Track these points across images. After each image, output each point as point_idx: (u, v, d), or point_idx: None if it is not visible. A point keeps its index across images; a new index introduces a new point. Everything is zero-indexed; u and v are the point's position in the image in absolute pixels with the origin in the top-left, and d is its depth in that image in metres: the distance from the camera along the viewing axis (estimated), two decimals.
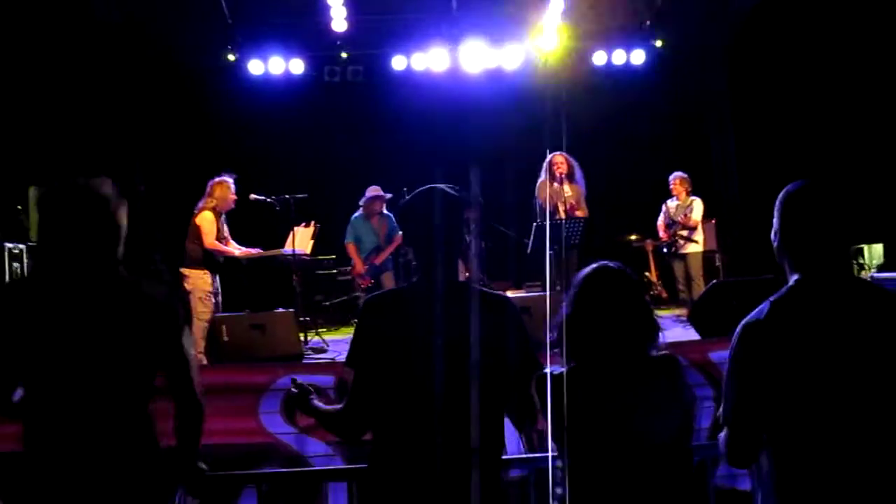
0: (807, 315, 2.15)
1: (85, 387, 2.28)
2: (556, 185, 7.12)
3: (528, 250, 7.06)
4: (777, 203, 2.28)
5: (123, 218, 2.42)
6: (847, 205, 2.23)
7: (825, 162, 9.53)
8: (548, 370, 2.45)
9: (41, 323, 2.27)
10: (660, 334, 2.51)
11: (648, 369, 2.43)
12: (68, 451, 2.27)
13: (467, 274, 10.04)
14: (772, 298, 2.21)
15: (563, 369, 2.45)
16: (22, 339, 2.26)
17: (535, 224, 6.95)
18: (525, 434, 2.59)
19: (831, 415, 2.10)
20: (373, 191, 8.05)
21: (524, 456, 4.62)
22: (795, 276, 2.22)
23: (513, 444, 4.65)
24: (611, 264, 2.54)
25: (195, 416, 2.50)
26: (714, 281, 7.02)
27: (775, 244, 2.29)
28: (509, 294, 7.82)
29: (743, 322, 2.22)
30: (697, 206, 8.47)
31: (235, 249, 6.89)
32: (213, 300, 6.73)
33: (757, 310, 2.21)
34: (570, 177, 7.14)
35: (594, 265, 2.55)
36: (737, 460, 2.29)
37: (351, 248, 8.03)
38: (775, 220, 2.28)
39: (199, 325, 6.56)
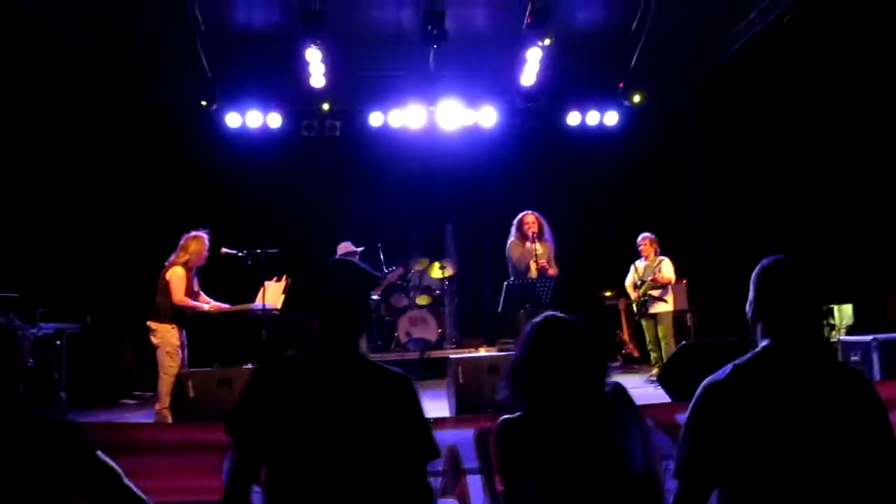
0: (765, 381, 2.24)
1: None
2: (527, 243, 7.17)
3: (500, 309, 7.07)
4: (753, 276, 2.40)
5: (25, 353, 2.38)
6: (819, 280, 2.35)
7: (796, 223, 9.69)
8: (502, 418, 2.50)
9: None
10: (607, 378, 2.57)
11: (603, 405, 2.48)
12: None
13: (439, 330, 9.96)
14: (736, 361, 2.31)
15: (513, 416, 2.51)
16: None
17: (506, 283, 6.98)
18: None
19: (780, 477, 2.15)
20: (344, 247, 8.07)
21: None
22: (765, 342, 2.33)
23: None
24: (557, 314, 2.62)
25: None
26: (684, 342, 7.05)
27: (749, 314, 2.41)
28: (482, 352, 7.83)
29: (704, 382, 2.31)
30: (667, 265, 8.55)
31: (205, 304, 6.83)
32: (181, 354, 6.65)
33: (720, 371, 2.30)
34: (541, 235, 7.20)
35: (540, 317, 2.63)
36: None
37: None
38: (751, 292, 2.39)
39: (166, 380, 6.47)
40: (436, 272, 10.01)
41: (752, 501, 2.18)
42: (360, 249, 8.20)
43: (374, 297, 9.20)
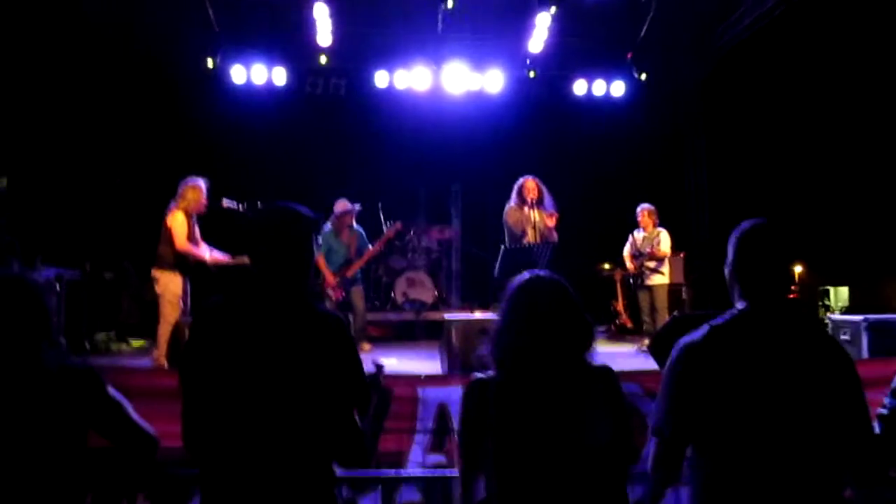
0: (741, 341, 2.28)
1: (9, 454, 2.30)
2: (526, 209, 7.19)
3: (496, 274, 7.11)
4: (732, 237, 2.43)
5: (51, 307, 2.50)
6: (795, 245, 2.40)
7: (795, 204, 9.72)
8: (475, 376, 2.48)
9: None
10: (593, 344, 2.51)
11: (582, 378, 2.42)
12: None
13: (436, 293, 10.02)
14: (712, 322, 2.34)
15: (485, 376, 2.46)
16: None
17: (502, 247, 7.01)
18: (347, 468, 2.47)
19: (751, 437, 2.21)
20: (341, 205, 8.07)
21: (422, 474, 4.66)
22: (741, 304, 2.36)
23: None
24: (542, 273, 2.56)
25: (144, 450, 2.56)
26: (675, 313, 7.12)
27: (727, 274, 2.44)
28: (476, 315, 7.89)
29: (681, 342, 2.35)
30: (664, 238, 8.58)
31: (206, 252, 6.88)
32: (182, 304, 6.73)
33: (696, 332, 2.34)
34: (540, 202, 7.21)
35: (525, 273, 2.56)
36: (660, 472, 2.37)
37: (321, 261, 8.05)
38: (729, 253, 2.43)
39: (165, 328, 6.56)
40: None
41: (723, 460, 2.24)
42: (357, 207, 8.22)
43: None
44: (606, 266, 10.42)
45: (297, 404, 2.27)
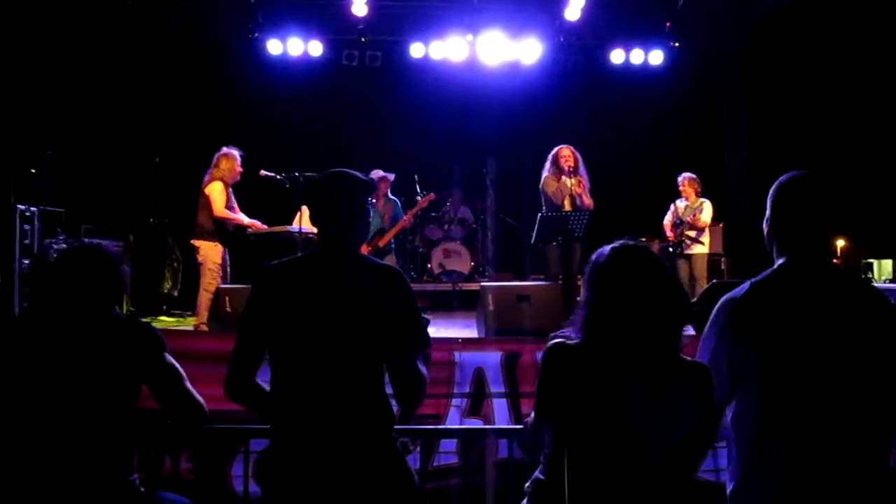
0: (782, 295, 2.24)
1: (66, 406, 2.42)
2: (563, 177, 7.14)
3: (532, 241, 7.09)
4: (771, 191, 2.38)
5: (126, 277, 2.63)
6: (836, 197, 2.33)
7: (838, 173, 9.52)
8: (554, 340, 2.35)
9: (35, 355, 2.45)
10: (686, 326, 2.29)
11: (673, 369, 2.21)
12: (39, 461, 2.39)
13: (472, 263, 10.04)
14: (753, 279, 2.32)
15: (566, 340, 2.31)
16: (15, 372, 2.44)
17: (539, 214, 6.98)
18: (405, 411, 2.60)
19: (795, 391, 2.17)
20: (376, 174, 8.11)
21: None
22: (780, 261, 2.32)
23: None
24: (630, 242, 2.33)
25: (192, 417, 2.68)
26: (714, 281, 7.04)
27: (765, 230, 2.39)
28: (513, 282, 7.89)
29: (723, 298, 2.33)
30: (707, 208, 8.48)
31: (244, 218, 6.99)
32: (222, 272, 6.84)
33: (738, 288, 2.32)
34: (576, 170, 7.16)
35: (614, 244, 2.33)
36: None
37: None
38: (768, 208, 2.37)
39: (205, 296, 6.69)
40: None
41: (765, 416, 2.21)
42: (391, 176, 8.25)
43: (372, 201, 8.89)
44: (644, 239, 10.34)
45: (362, 349, 2.43)
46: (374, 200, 7.98)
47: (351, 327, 2.42)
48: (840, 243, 11.36)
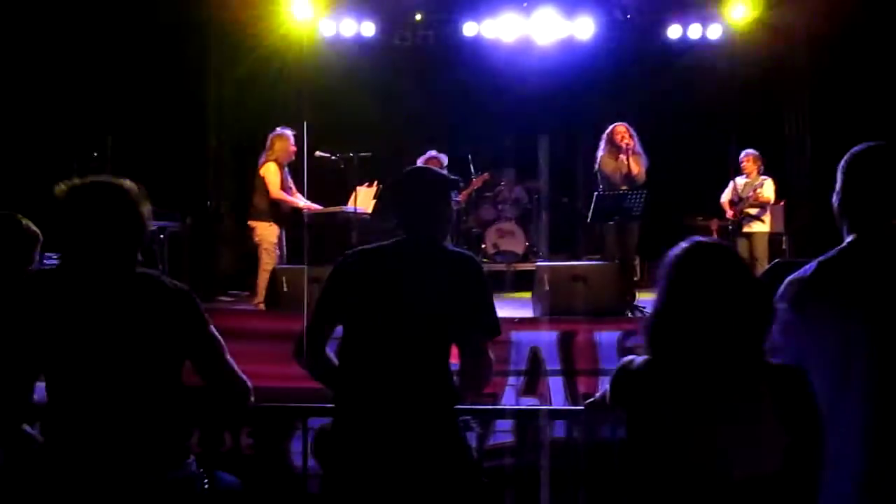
0: (852, 273, 2.15)
1: (108, 381, 2.28)
2: (620, 156, 7.04)
3: (588, 219, 7.01)
4: (841, 164, 2.26)
5: (148, 216, 2.45)
6: None
7: None
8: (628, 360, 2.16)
9: (65, 317, 2.28)
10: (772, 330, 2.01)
11: (758, 378, 1.94)
12: (88, 445, 2.26)
13: (526, 244, 10.04)
14: (821, 258, 2.22)
15: (633, 360, 2.12)
16: (45, 333, 2.27)
17: (595, 193, 6.90)
18: (469, 392, 2.68)
19: (866, 376, 2.07)
20: (429, 154, 8.08)
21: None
22: (850, 238, 2.21)
23: None
24: (704, 239, 2.08)
25: (237, 395, 2.54)
26: (777, 260, 6.86)
27: (836, 205, 2.28)
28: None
29: (790, 277, 2.24)
30: (768, 185, 8.30)
31: (300, 200, 7.06)
32: (278, 252, 6.93)
33: (805, 267, 2.23)
34: (633, 148, 7.05)
35: (686, 243, 2.07)
36: None
37: None
38: (838, 181, 2.26)
39: (263, 276, 6.79)
40: None
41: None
42: (444, 157, 8.22)
43: (457, 199, 9.10)
44: (700, 218, 10.15)
45: (434, 333, 2.53)
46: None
47: (426, 312, 2.51)
48: None
